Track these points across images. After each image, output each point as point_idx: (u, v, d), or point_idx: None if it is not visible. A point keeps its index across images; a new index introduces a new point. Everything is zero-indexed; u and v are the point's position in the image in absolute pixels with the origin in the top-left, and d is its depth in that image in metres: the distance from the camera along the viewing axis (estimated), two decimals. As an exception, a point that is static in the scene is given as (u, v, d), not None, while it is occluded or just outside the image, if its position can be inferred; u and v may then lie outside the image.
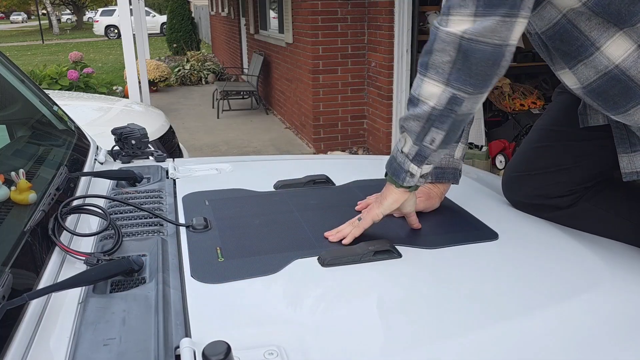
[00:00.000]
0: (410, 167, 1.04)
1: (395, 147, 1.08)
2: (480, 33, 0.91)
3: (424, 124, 1.00)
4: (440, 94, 0.96)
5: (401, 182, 1.06)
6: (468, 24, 0.91)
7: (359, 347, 0.74)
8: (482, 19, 0.90)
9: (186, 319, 0.78)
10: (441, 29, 0.94)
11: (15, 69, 1.55)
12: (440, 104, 0.97)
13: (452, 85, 0.95)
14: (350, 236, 1.06)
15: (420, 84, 0.99)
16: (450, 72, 0.94)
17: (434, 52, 0.95)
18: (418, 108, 0.99)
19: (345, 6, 5.25)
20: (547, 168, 1.25)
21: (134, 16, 6.66)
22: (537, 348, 0.75)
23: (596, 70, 1.00)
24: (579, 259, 1.04)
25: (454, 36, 0.92)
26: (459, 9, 0.92)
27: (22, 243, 0.86)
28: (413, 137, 1.02)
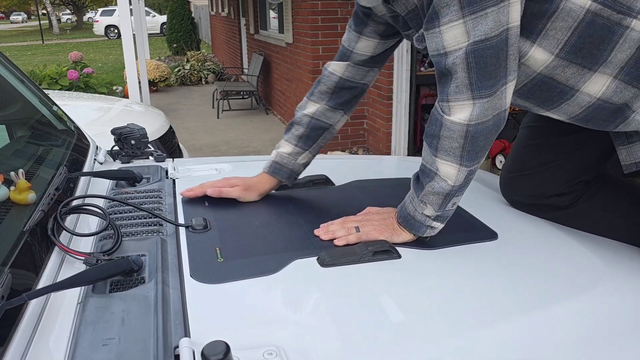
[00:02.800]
0: (433, 224, 1.04)
1: (410, 207, 1.05)
2: (483, 115, 0.94)
3: (444, 197, 1.02)
4: (457, 174, 0.99)
5: (421, 234, 1.06)
6: (469, 109, 0.94)
7: (359, 347, 0.74)
8: (480, 100, 0.94)
9: (185, 319, 0.78)
10: (446, 117, 0.97)
11: (15, 69, 1.55)
12: (459, 181, 1.00)
13: (465, 165, 0.99)
14: (344, 240, 1.05)
15: (434, 162, 1.01)
16: (462, 155, 0.98)
17: (442, 138, 0.98)
18: (437, 184, 1.01)
19: (345, 6, 5.25)
20: (540, 166, 1.25)
21: (134, 16, 6.66)
22: (537, 348, 0.75)
23: (580, 105, 1.02)
24: (579, 258, 1.04)
25: (460, 125, 0.95)
26: (456, 95, 0.94)
27: (22, 243, 0.86)
28: (435, 207, 1.03)
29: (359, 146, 5.72)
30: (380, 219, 1.10)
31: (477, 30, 0.89)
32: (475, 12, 0.89)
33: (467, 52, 0.91)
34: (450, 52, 0.93)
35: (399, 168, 1.73)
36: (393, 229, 1.07)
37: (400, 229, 1.07)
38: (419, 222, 1.04)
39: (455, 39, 0.91)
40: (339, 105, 1.29)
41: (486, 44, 0.90)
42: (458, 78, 0.93)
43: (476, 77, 0.92)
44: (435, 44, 0.95)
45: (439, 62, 0.96)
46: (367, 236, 1.05)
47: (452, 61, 0.93)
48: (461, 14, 0.90)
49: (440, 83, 0.98)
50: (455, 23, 0.91)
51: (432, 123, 1.00)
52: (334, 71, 1.27)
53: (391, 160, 2.06)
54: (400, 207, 1.09)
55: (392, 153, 5.12)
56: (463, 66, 0.92)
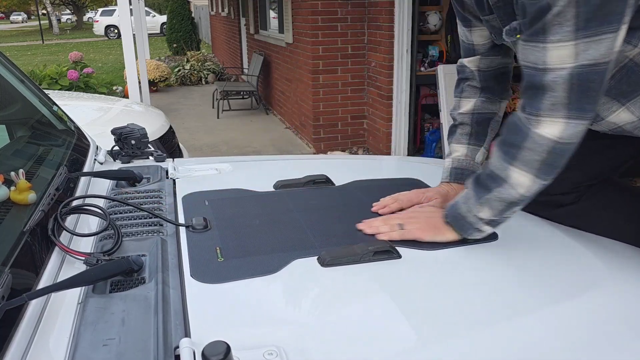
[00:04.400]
0: (483, 228, 1.04)
1: (463, 207, 1.05)
2: (575, 135, 0.93)
3: (508, 204, 1.01)
4: (530, 185, 0.98)
5: (467, 236, 1.05)
6: (562, 127, 0.92)
7: (359, 347, 0.74)
8: (576, 121, 0.92)
9: (186, 319, 0.78)
10: (533, 130, 0.94)
11: (15, 69, 1.55)
12: (530, 192, 0.99)
13: (541, 178, 0.97)
14: (387, 236, 1.06)
15: (506, 170, 0.99)
16: (540, 168, 0.96)
17: (524, 149, 0.96)
18: (505, 191, 1.00)
19: (345, 6, 5.24)
20: None
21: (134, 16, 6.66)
22: (537, 348, 0.75)
23: None
24: (579, 259, 1.04)
25: (548, 140, 0.93)
26: (550, 112, 0.92)
27: (22, 243, 0.86)
28: (495, 212, 1.02)
29: (359, 146, 5.72)
30: (426, 217, 1.10)
31: (587, 54, 0.86)
32: (590, 36, 0.85)
33: (572, 74, 0.88)
34: (552, 69, 0.89)
35: (399, 168, 1.73)
36: (437, 229, 1.06)
37: (445, 228, 1.06)
38: (469, 223, 1.04)
39: (561, 59, 0.88)
40: (495, 95, 1.26)
41: (594, 68, 0.87)
42: (556, 96, 0.91)
43: (576, 98, 0.90)
44: (534, 57, 0.92)
45: (534, 75, 0.93)
46: (410, 234, 1.06)
47: (553, 79, 0.90)
48: (574, 36, 0.86)
49: (528, 95, 0.95)
50: (565, 44, 0.87)
51: (514, 132, 0.98)
52: (470, 65, 1.25)
53: (391, 160, 2.06)
54: (452, 206, 1.08)
55: (392, 153, 5.12)
56: (565, 86, 0.89)
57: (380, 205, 1.19)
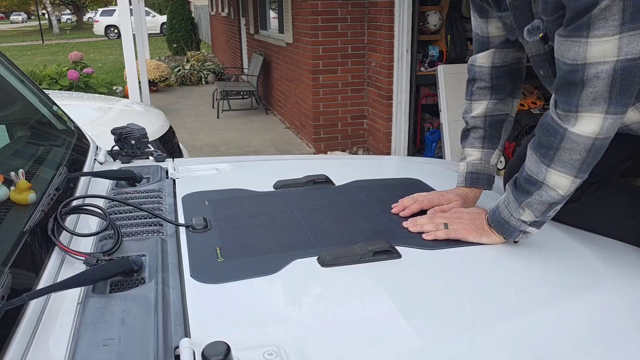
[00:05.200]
0: (528, 229, 1.04)
1: (505, 212, 1.05)
2: (612, 129, 0.92)
3: (549, 205, 1.01)
4: (570, 185, 0.98)
5: (513, 239, 1.05)
6: (599, 121, 0.91)
7: (359, 347, 0.74)
8: (614, 116, 0.91)
9: (186, 319, 0.78)
10: (570, 130, 0.94)
11: (15, 69, 1.55)
12: (570, 191, 0.99)
13: (580, 177, 0.97)
14: (433, 235, 1.06)
15: (544, 172, 0.99)
16: (580, 167, 0.96)
17: (562, 149, 0.95)
18: (545, 193, 1.00)
19: (345, 6, 5.24)
20: None
21: (134, 16, 6.65)
22: (537, 348, 0.75)
23: None
24: (579, 259, 1.04)
25: (586, 138, 0.93)
26: (590, 106, 0.91)
27: (22, 243, 0.86)
28: (537, 214, 1.02)
29: (359, 146, 5.72)
30: (470, 218, 1.09)
31: (630, 47, 0.85)
32: (635, 29, 0.84)
33: (615, 68, 0.87)
34: (594, 64, 0.88)
35: (399, 168, 1.73)
36: (482, 230, 1.07)
37: (490, 230, 1.06)
38: (513, 226, 1.04)
39: (603, 53, 0.87)
40: (506, 95, 1.25)
41: (638, 62, 0.87)
42: (597, 91, 0.89)
43: (618, 92, 0.89)
44: (574, 53, 0.90)
45: (573, 71, 0.91)
46: (455, 234, 1.06)
47: (595, 73, 0.89)
48: (619, 30, 0.85)
49: (564, 91, 0.94)
50: (610, 38, 0.86)
51: (549, 134, 0.97)
52: (482, 64, 1.23)
53: (391, 160, 2.05)
54: (493, 211, 1.08)
55: (392, 153, 5.12)
56: (607, 81, 0.88)
57: (401, 207, 1.19)
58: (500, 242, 1.06)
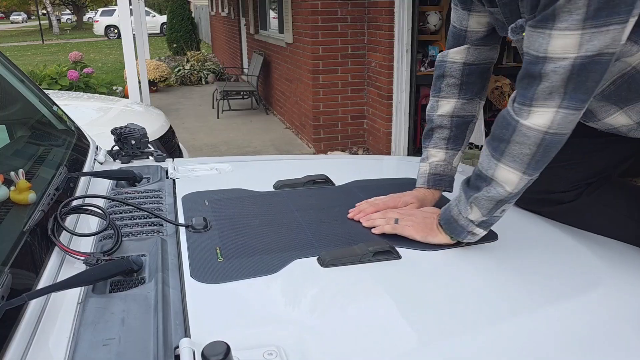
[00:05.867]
0: (475, 230, 1.03)
1: (455, 209, 1.05)
2: (564, 126, 0.92)
3: (497, 203, 1.00)
4: (518, 181, 0.97)
5: (461, 239, 1.05)
6: (551, 115, 0.91)
7: (359, 347, 0.74)
8: (566, 110, 0.90)
9: (185, 319, 0.78)
10: (522, 122, 0.93)
11: (15, 69, 1.55)
12: (517, 189, 0.98)
13: (529, 174, 0.96)
14: (380, 229, 1.07)
15: (494, 167, 0.98)
16: (529, 163, 0.95)
17: (513, 142, 0.95)
18: (493, 189, 0.99)
19: (345, 6, 5.24)
20: (553, 163, 1.25)
21: (134, 16, 6.65)
22: (538, 348, 0.75)
23: None
24: (579, 259, 1.04)
25: (537, 131, 0.92)
26: (544, 101, 0.90)
27: (22, 243, 0.86)
28: (484, 211, 1.01)
29: (359, 146, 5.72)
30: (422, 216, 1.09)
31: (591, 44, 0.85)
32: (598, 26, 0.83)
33: (574, 64, 0.86)
34: (554, 59, 0.88)
35: (399, 168, 1.73)
36: (431, 229, 1.06)
37: (438, 230, 1.06)
38: (461, 226, 1.03)
39: (564, 48, 0.86)
40: (474, 95, 1.23)
41: (596, 59, 0.86)
42: (553, 85, 0.89)
43: (573, 87, 0.88)
44: (537, 44, 0.90)
45: (534, 63, 0.91)
46: (402, 230, 1.06)
47: (553, 69, 0.88)
48: (582, 25, 0.84)
49: (523, 84, 0.93)
50: (571, 32, 0.85)
51: (502, 127, 0.96)
52: (455, 59, 1.21)
53: (391, 160, 2.05)
54: (445, 209, 1.08)
55: (392, 153, 5.12)
56: (564, 75, 0.88)
57: (356, 211, 1.17)
58: (447, 243, 1.05)
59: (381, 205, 1.18)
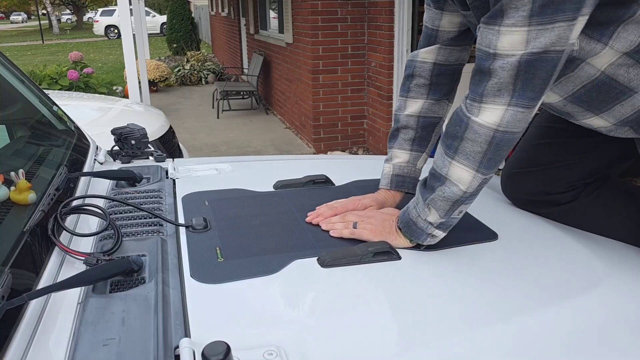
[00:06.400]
0: (434, 232, 1.03)
1: (413, 212, 1.04)
2: (514, 124, 0.91)
3: (453, 204, 0.99)
4: (471, 180, 0.96)
5: (421, 242, 1.04)
6: (500, 113, 0.90)
7: (359, 347, 0.74)
8: (516, 108, 0.90)
9: (186, 319, 0.78)
10: (473, 119, 0.93)
11: (15, 69, 1.55)
12: (472, 188, 0.97)
13: (482, 172, 0.96)
14: (338, 233, 1.07)
15: (447, 165, 0.98)
16: (481, 161, 0.95)
17: (465, 140, 0.94)
18: (447, 189, 0.98)
19: (345, 6, 5.24)
20: (549, 164, 1.25)
21: (134, 16, 6.65)
22: (537, 348, 0.75)
23: (633, 107, 1.00)
24: (579, 259, 1.04)
25: (487, 129, 0.92)
26: (493, 97, 0.90)
27: (22, 243, 0.86)
28: (441, 213, 1.00)
29: (359, 146, 5.72)
30: (381, 219, 1.09)
31: (537, 41, 0.85)
32: (543, 23, 0.84)
33: (520, 61, 0.87)
34: (502, 55, 0.88)
35: (399, 168, 1.73)
36: (389, 232, 1.05)
37: (397, 233, 1.05)
38: (420, 228, 1.02)
39: (512, 45, 0.87)
40: (442, 96, 1.21)
41: (543, 56, 0.86)
42: (501, 82, 0.89)
43: (522, 84, 0.88)
44: (488, 40, 0.90)
45: (484, 59, 0.91)
46: (360, 234, 1.05)
47: (501, 65, 0.88)
48: (528, 22, 0.84)
49: (474, 80, 0.94)
50: (518, 29, 0.85)
51: (456, 124, 0.96)
52: (425, 59, 1.19)
53: (391, 161, 2.05)
54: (403, 212, 1.07)
55: (392, 153, 5.11)
56: (512, 72, 0.88)
57: (315, 214, 1.15)
58: (407, 246, 1.04)
59: (340, 209, 1.16)
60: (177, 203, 1.25)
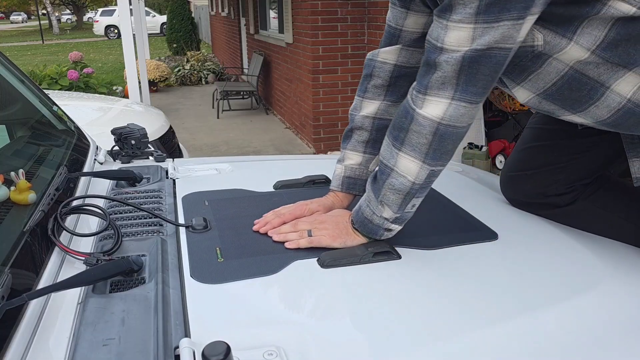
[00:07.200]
0: (390, 227, 1.02)
1: (367, 210, 1.03)
2: (457, 119, 0.92)
3: (404, 196, 0.99)
4: (419, 171, 0.96)
5: (378, 237, 1.04)
6: (444, 107, 0.91)
7: (358, 348, 0.74)
8: (459, 103, 0.91)
9: (186, 319, 0.78)
10: (417, 111, 0.94)
11: (15, 69, 1.55)
12: (420, 179, 0.97)
13: (428, 163, 0.96)
14: (295, 244, 1.03)
15: (395, 157, 0.98)
16: (427, 152, 0.95)
17: (410, 131, 0.95)
18: (396, 181, 0.98)
19: (345, 6, 5.25)
20: (543, 167, 1.25)
21: (134, 16, 6.66)
22: (537, 348, 0.75)
23: (609, 108, 0.99)
24: (579, 259, 1.04)
25: (431, 121, 0.92)
26: (438, 90, 0.91)
27: (22, 243, 0.86)
28: (395, 208, 1.00)
29: (359, 146, 5.71)
30: (334, 222, 1.07)
31: (482, 38, 0.86)
32: (489, 22, 0.85)
33: (464, 56, 0.88)
34: (448, 50, 0.89)
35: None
36: (347, 234, 1.04)
37: (354, 233, 1.04)
38: (376, 225, 1.02)
39: (458, 40, 0.88)
40: (400, 98, 1.18)
41: (486, 53, 0.87)
42: (445, 75, 0.90)
43: (465, 80, 0.89)
44: (436, 33, 0.91)
45: (432, 52, 0.92)
46: (319, 241, 1.03)
47: (445, 59, 0.89)
48: (474, 19, 0.85)
49: (421, 71, 0.94)
50: (464, 25, 0.87)
51: (402, 115, 0.97)
52: (385, 59, 1.17)
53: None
54: (356, 211, 1.06)
55: (392, 153, 5.11)
56: (455, 67, 0.89)
57: (262, 223, 1.11)
58: (364, 241, 1.04)
59: (288, 216, 1.12)
60: (177, 203, 1.25)
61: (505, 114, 4.92)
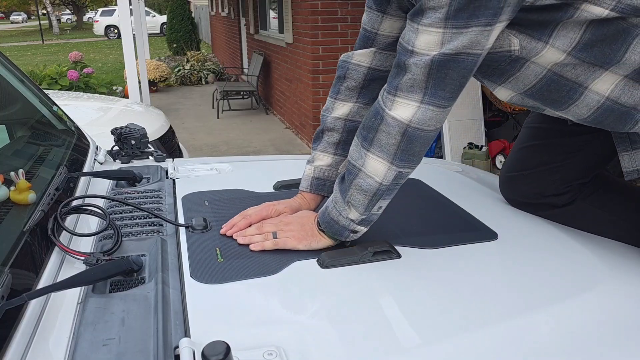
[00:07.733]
0: (356, 228, 1.02)
1: (334, 211, 1.02)
2: (425, 123, 0.93)
3: (371, 197, 0.99)
4: (386, 172, 0.97)
5: (344, 239, 1.03)
6: (412, 109, 0.92)
7: (358, 347, 0.74)
8: (428, 107, 0.92)
9: (185, 319, 0.78)
10: (387, 112, 0.94)
11: (15, 69, 1.55)
12: (387, 180, 0.97)
13: (396, 164, 0.96)
14: (260, 246, 1.02)
15: (363, 157, 0.98)
16: (395, 154, 0.95)
17: (380, 131, 0.95)
18: (363, 182, 0.98)
19: (345, 6, 5.25)
20: (540, 166, 1.25)
21: (134, 16, 6.66)
22: (537, 348, 0.75)
23: (588, 107, 1.00)
24: (578, 258, 1.04)
25: (400, 122, 0.93)
26: (407, 93, 0.92)
27: (22, 243, 0.86)
28: (361, 210, 0.99)
29: (359, 146, 5.71)
30: (299, 224, 1.06)
31: (451, 43, 0.87)
32: (458, 27, 0.86)
33: (433, 60, 0.89)
34: (417, 53, 0.90)
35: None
36: (312, 236, 1.04)
37: (320, 234, 1.04)
38: (342, 226, 1.01)
39: (428, 44, 0.89)
40: (372, 100, 1.18)
41: (455, 57, 0.88)
42: (415, 78, 0.91)
43: (433, 84, 0.90)
44: (408, 36, 0.92)
45: (403, 54, 0.93)
46: (284, 243, 1.02)
47: (415, 62, 0.90)
48: (443, 24, 0.87)
49: (392, 73, 0.95)
50: (434, 29, 0.88)
51: (372, 116, 0.97)
52: (360, 62, 1.16)
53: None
54: (322, 212, 1.05)
55: (392, 153, 5.11)
56: (424, 71, 0.90)
57: (229, 226, 1.10)
58: (331, 245, 1.03)
59: (254, 217, 1.11)
60: (177, 203, 1.25)
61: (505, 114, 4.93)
